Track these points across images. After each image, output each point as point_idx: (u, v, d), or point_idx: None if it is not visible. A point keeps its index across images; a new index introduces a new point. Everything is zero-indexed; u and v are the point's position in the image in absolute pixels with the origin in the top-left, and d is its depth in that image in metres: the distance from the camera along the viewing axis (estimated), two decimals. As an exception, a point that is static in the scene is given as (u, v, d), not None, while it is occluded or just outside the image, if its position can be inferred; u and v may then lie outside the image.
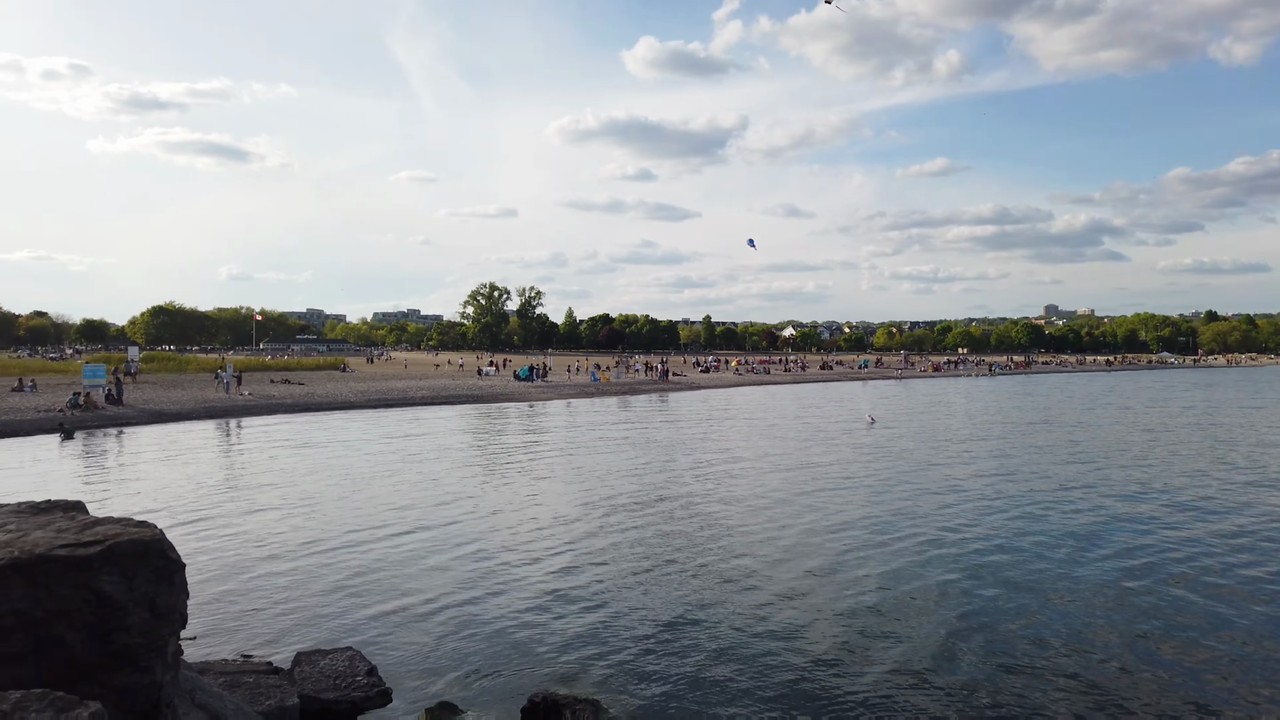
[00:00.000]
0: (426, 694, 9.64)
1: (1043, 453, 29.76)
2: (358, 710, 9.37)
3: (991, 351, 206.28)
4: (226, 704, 8.28)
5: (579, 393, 62.02)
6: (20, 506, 4.66)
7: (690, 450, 30.08)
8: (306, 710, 9.18)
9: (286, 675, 9.85)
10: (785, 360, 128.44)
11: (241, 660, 10.48)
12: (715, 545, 16.07)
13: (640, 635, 11.31)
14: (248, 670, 9.86)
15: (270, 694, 9.21)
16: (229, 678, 9.56)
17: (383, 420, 41.36)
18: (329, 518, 18.44)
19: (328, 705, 9.34)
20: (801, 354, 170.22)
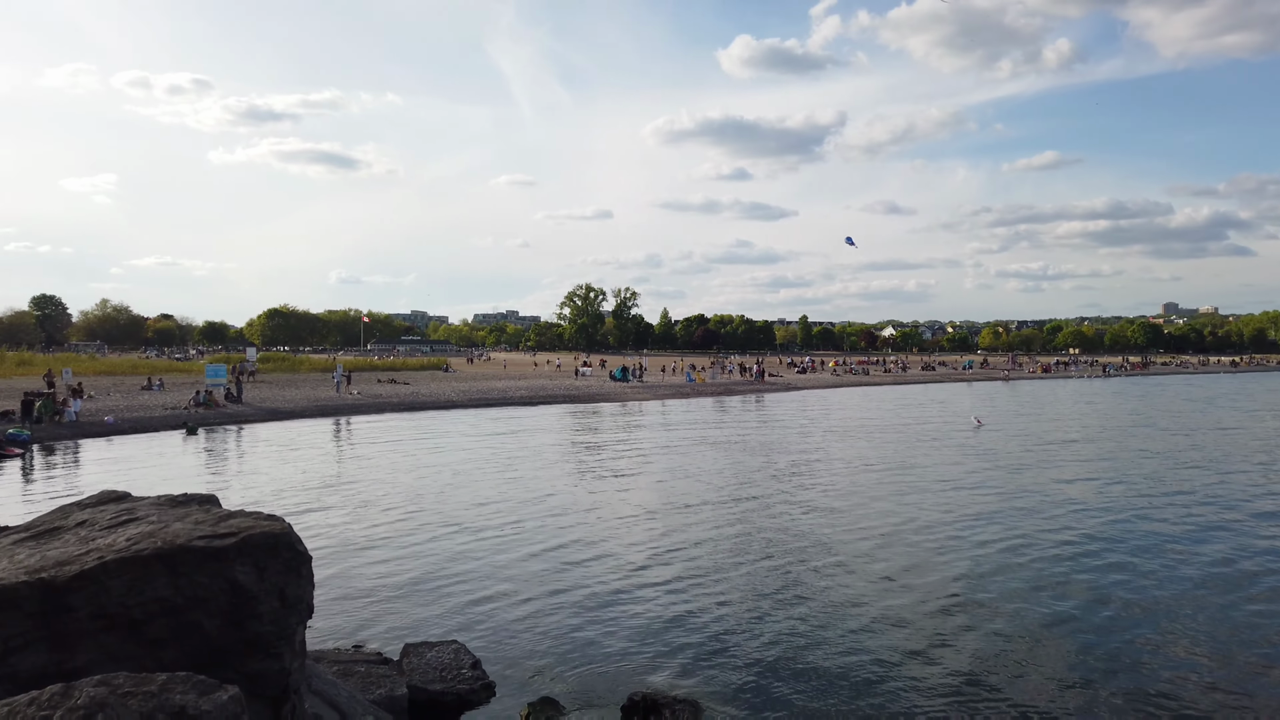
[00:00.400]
0: (528, 688, 9.82)
1: (1156, 458, 28.28)
2: (463, 703, 9.63)
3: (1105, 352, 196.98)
4: (340, 692, 8.63)
5: (674, 393, 62.13)
6: (160, 499, 4.98)
7: (786, 451, 29.77)
8: (415, 700, 9.49)
9: (395, 666, 10.21)
10: (885, 361, 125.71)
11: (353, 650, 10.89)
12: (812, 547, 15.88)
13: (739, 637, 11.27)
14: (359, 660, 10.25)
15: (380, 683, 9.56)
16: (342, 666, 9.96)
17: (483, 419, 42.33)
18: (432, 513, 18.98)
19: (434, 696, 9.64)
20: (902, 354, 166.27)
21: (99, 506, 4.85)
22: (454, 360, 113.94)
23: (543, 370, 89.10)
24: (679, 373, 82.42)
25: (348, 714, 8.35)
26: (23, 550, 4.16)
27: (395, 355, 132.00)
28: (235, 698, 3.17)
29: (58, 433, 33.09)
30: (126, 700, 2.85)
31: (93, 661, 3.62)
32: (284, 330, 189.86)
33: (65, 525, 4.51)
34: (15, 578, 3.75)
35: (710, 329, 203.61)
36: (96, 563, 3.83)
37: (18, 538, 4.40)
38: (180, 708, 2.97)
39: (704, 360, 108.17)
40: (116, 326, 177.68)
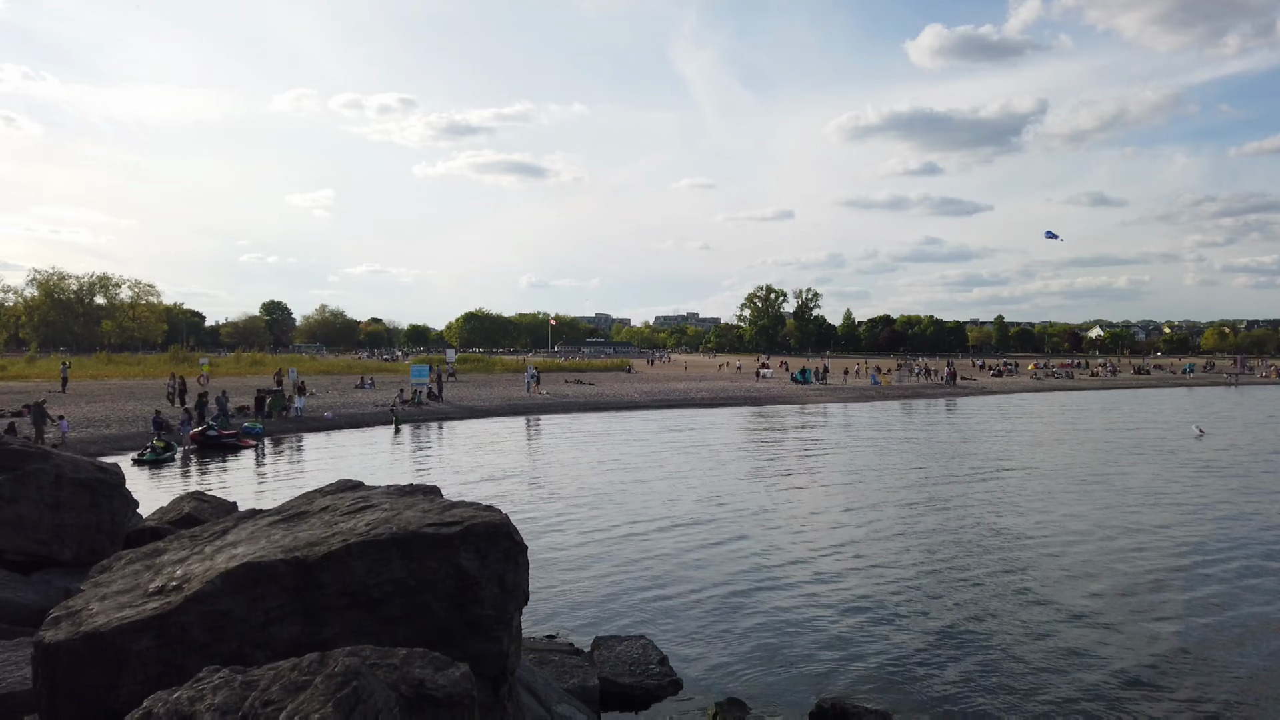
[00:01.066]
0: (715, 688, 9.91)
1: None
2: (651, 697, 9.85)
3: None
4: (537, 678, 9.05)
5: (858, 396, 60.54)
6: (390, 489, 5.44)
7: (978, 458, 28.33)
8: (606, 692, 9.81)
9: (587, 657, 10.58)
10: (1089, 363, 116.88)
11: (546, 640, 11.38)
12: (1008, 561, 15.06)
13: (932, 650, 10.88)
14: (553, 650, 10.71)
15: (574, 673, 9.94)
16: (538, 655, 10.44)
17: (665, 419, 42.95)
18: (617, 509, 19.48)
19: (624, 689, 9.92)
20: (1111, 356, 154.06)
21: (338, 494, 5.36)
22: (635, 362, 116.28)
23: (723, 372, 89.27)
24: (863, 375, 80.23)
25: (544, 700, 8.75)
26: (277, 531, 4.68)
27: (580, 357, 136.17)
28: (466, 675, 3.42)
29: (285, 426, 36.56)
30: (375, 670, 3.16)
31: (338, 635, 4.02)
32: (479, 332, 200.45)
33: (311, 510, 5.03)
34: (274, 556, 4.24)
35: (896, 330, 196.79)
36: (341, 545, 4.25)
37: (271, 520, 4.96)
38: (420, 681, 3.25)
39: (889, 362, 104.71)
40: (333, 329, 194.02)
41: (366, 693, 2.92)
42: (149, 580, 4.43)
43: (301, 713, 2.76)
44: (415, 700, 3.23)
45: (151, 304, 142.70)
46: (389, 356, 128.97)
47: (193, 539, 5.04)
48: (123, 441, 30.19)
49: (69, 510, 10.27)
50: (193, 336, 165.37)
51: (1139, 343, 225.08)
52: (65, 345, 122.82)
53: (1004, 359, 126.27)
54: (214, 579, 4.11)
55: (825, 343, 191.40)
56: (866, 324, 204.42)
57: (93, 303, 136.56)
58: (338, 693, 2.85)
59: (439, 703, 3.28)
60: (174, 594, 4.17)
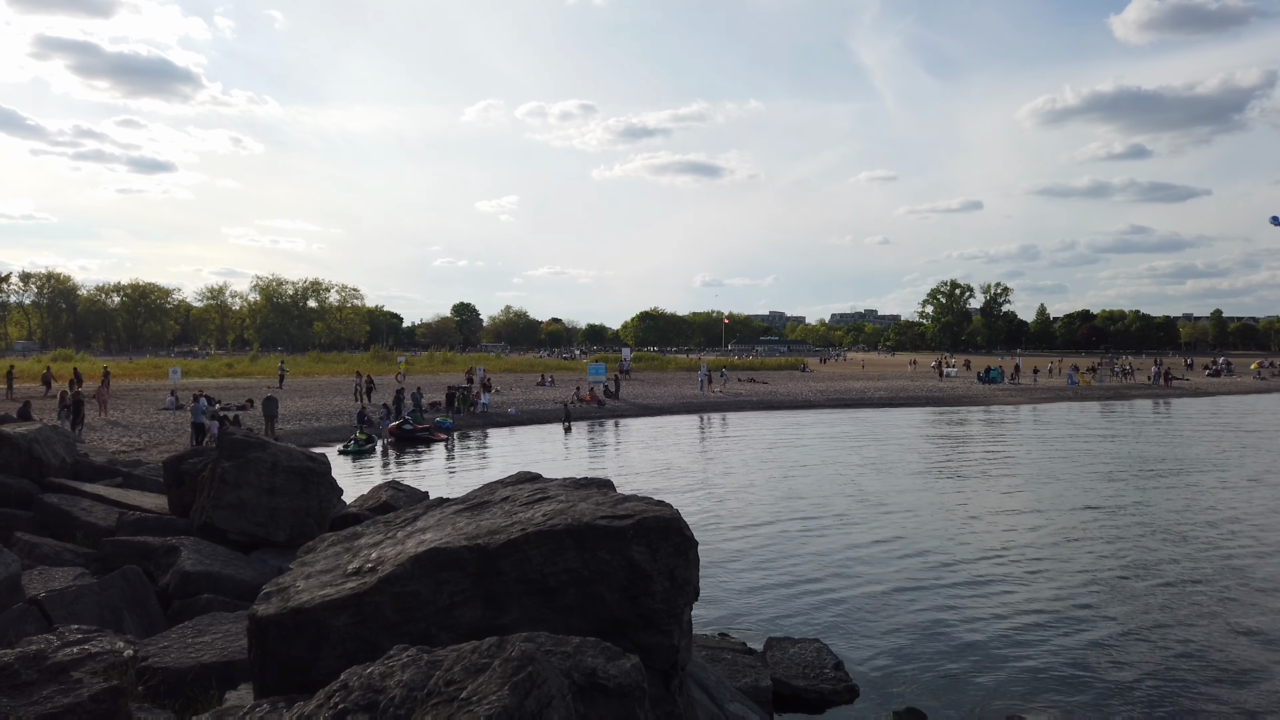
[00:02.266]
0: (892, 697, 9.59)
1: None
2: (825, 702, 9.65)
3: None
4: (709, 675, 9.07)
5: (1052, 397, 56.79)
6: (565, 481, 5.63)
7: (1190, 467, 25.88)
8: (778, 693, 9.70)
9: (759, 657, 10.51)
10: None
11: (719, 638, 11.38)
12: (1218, 584, 13.64)
13: (1118, 664, 10.08)
14: (725, 648, 10.70)
15: (746, 673, 9.90)
16: (710, 652, 10.46)
17: (841, 419, 41.97)
18: (791, 509, 19.21)
19: (798, 692, 9.77)
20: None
21: (518, 485, 5.60)
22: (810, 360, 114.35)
23: (903, 370, 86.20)
24: (1058, 374, 75.20)
25: (716, 697, 8.75)
26: (462, 519, 4.94)
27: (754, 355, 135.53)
28: (636, 666, 3.48)
29: (472, 421, 38.56)
30: (549, 657, 3.27)
31: (516, 621, 4.20)
32: (653, 331, 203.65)
33: (492, 500, 5.27)
34: (458, 542, 4.48)
35: (1096, 326, 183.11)
36: (520, 534, 4.43)
37: (457, 509, 5.24)
38: (592, 669, 3.34)
39: (1089, 361, 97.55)
40: (516, 329, 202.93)
41: (541, 678, 3.02)
42: (348, 562, 4.79)
43: (480, 693, 2.90)
44: (587, 688, 3.32)
45: (356, 307, 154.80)
46: (568, 355, 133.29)
47: (386, 524, 5.41)
48: (330, 434, 32.81)
49: (283, 495, 11.25)
50: (391, 337, 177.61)
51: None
52: (282, 345, 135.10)
53: (1223, 356, 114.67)
54: (404, 562, 4.40)
55: (1016, 340, 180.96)
56: (1063, 320, 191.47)
57: (305, 306, 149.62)
58: (514, 676, 2.97)
59: (610, 692, 3.35)
60: (369, 575, 4.49)
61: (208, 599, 9.15)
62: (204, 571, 9.76)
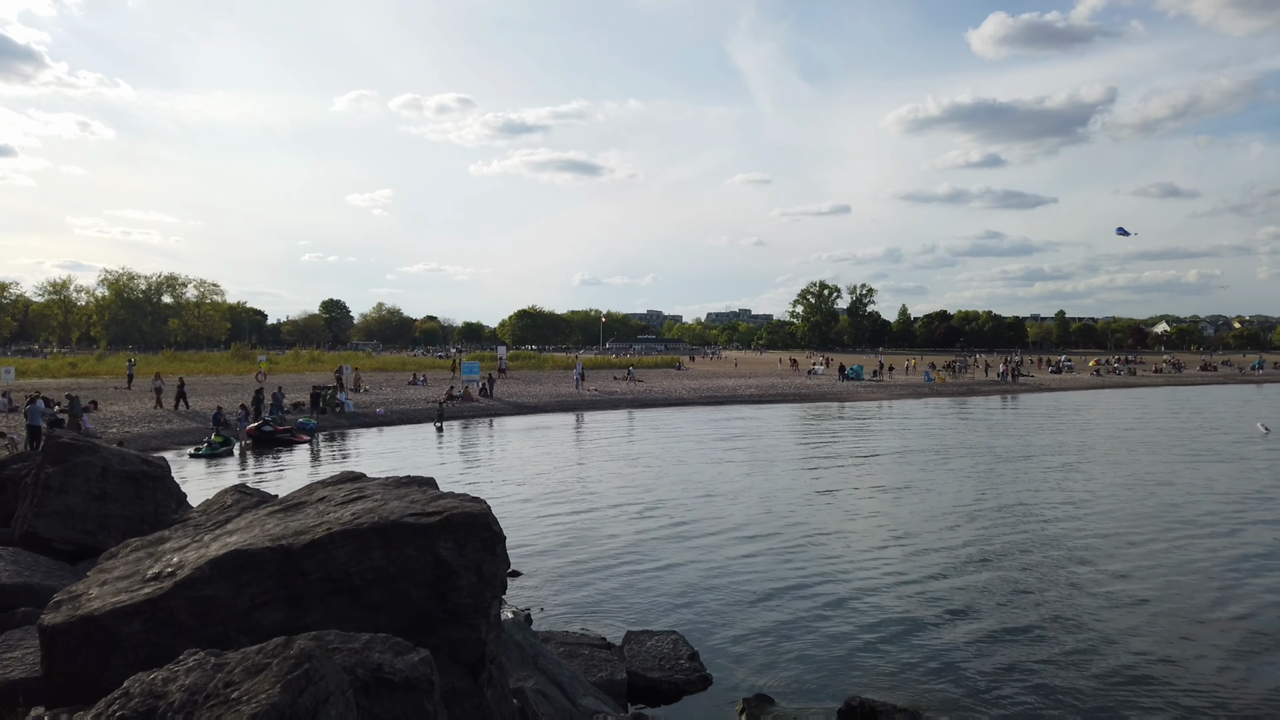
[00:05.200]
0: (744, 683, 9.83)
1: None
2: (680, 691, 9.83)
3: None
4: (564, 671, 9.10)
5: (910, 393, 59.62)
6: (387, 480, 5.53)
7: (1030, 457, 27.69)
8: (634, 685, 9.82)
9: (617, 651, 10.60)
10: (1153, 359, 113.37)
11: (580, 633, 11.43)
12: (1052, 564, 14.67)
13: (967, 651, 10.65)
14: (584, 643, 10.75)
15: (602, 667, 9.97)
16: (568, 648, 10.48)
17: (712, 416, 42.81)
18: (657, 506, 19.45)
19: (653, 683, 9.91)
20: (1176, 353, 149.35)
21: (338, 485, 5.47)
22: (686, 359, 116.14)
23: (774, 368, 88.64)
24: (917, 371, 78.99)
25: (570, 692, 8.79)
26: (272, 520, 4.78)
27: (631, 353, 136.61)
28: (425, 660, 3.46)
29: (338, 422, 37.30)
30: (333, 654, 3.20)
31: (320, 621, 4.09)
32: (531, 330, 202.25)
33: (309, 500, 5.12)
34: (261, 544, 4.32)
35: (953, 326, 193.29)
36: (325, 533, 4.32)
37: (270, 510, 5.07)
38: (378, 665, 3.28)
39: (945, 358, 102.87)
40: (389, 327, 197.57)
41: (318, 675, 2.96)
42: (148, 567, 4.56)
43: (252, 692, 2.81)
44: (372, 683, 3.27)
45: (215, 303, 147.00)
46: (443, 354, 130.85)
47: (196, 527, 5.18)
48: (181, 436, 31.10)
49: (115, 502, 10.59)
50: (255, 334, 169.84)
51: (1207, 338, 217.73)
52: (133, 343, 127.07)
53: (1065, 355, 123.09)
54: (203, 565, 4.21)
55: (880, 339, 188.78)
56: (923, 320, 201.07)
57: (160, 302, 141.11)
58: (289, 674, 2.89)
59: (396, 686, 3.31)
60: (167, 580, 4.28)
61: (24, 613, 8.52)
62: (22, 584, 9.08)
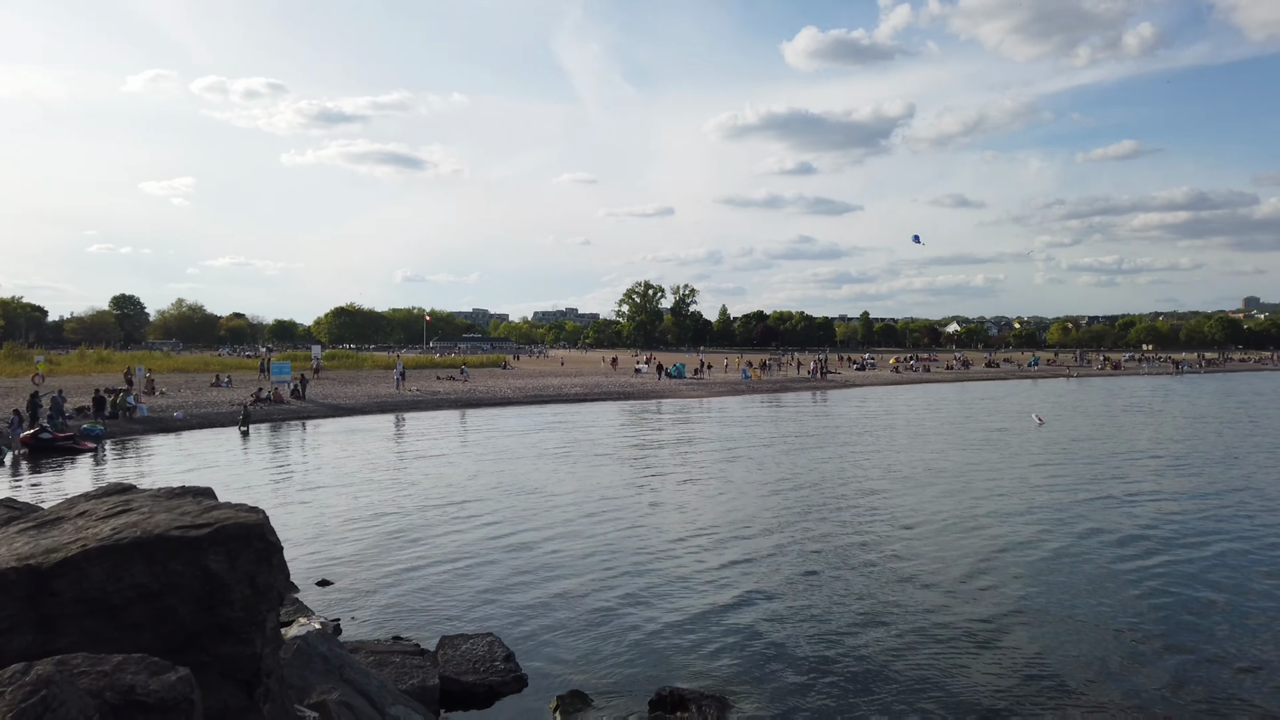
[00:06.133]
0: (560, 681, 9.88)
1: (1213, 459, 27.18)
2: (494, 693, 9.75)
3: (1180, 348, 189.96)
4: (371, 681, 8.82)
5: (729, 390, 61.89)
6: (159, 492, 5.17)
7: (836, 449, 29.42)
8: (446, 691, 9.65)
9: (430, 657, 10.39)
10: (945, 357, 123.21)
11: (392, 641, 11.10)
12: (854, 548, 15.65)
13: (773, 635, 11.17)
14: (396, 651, 10.46)
15: (414, 674, 9.74)
16: (379, 657, 10.18)
17: (537, 415, 42.73)
18: (476, 507, 19.21)
19: (467, 687, 9.78)
20: (965, 351, 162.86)
21: (102, 498, 5.05)
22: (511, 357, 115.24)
23: (599, 367, 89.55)
24: (735, 370, 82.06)
25: (378, 703, 8.53)
26: (22, 539, 4.35)
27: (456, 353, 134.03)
28: (184, 679, 3.27)
29: (130, 428, 34.38)
30: (77, 679, 2.97)
31: (75, 643, 3.77)
32: (350, 328, 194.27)
33: (68, 515, 4.71)
34: (6, 564, 3.94)
35: (769, 326, 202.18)
36: (79, 550, 3.99)
37: (22, 526, 4.61)
38: (129, 687, 3.08)
39: (761, 357, 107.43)
40: (191, 325, 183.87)
41: (57, 701, 2.74)
42: None
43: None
44: (123, 706, 3.06)
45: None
46: (251, 353, 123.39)
47: (-66, 548, 4.63)
48: (-62, 446, 27.71)
49: None
50: (33, 333, 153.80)
51: (992, 337, 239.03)
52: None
53: (869, 353, 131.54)
54: (-66, 591, 3.78)
55: (702, 338, 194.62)
56: (741, 320, 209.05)
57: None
58: (24, 702, 2.66)
59: (150, 708, 3.12)
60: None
61: None
62: None
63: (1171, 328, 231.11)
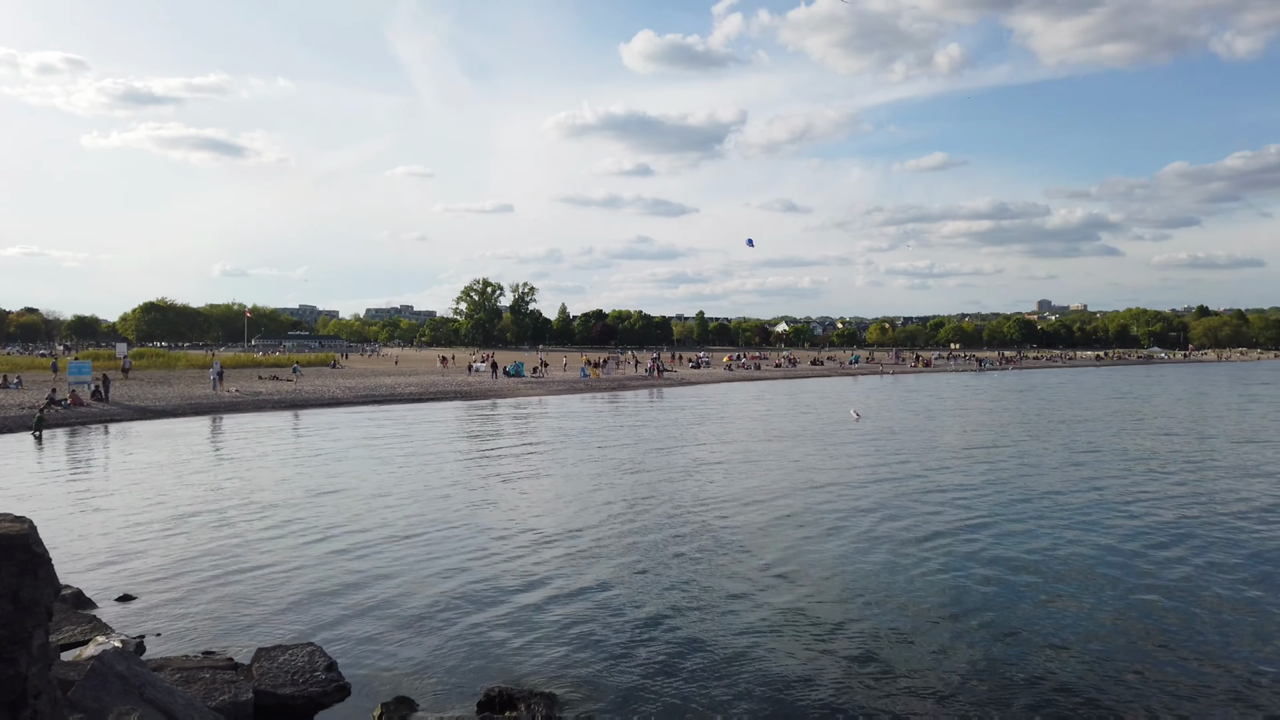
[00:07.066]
0: (385, 689, 9.62)
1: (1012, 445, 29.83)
2: (315, 705, 9.36)
3: (984, 347, 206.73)
4: (177, 699, 8.28)
5: (568, 389, 62.03)
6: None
7: (672, 446, 30.09)
8: (262, 705, 9.18)
9: (245, 671, 9.85)
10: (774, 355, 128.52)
11: (202, 656, 10.46)
12: (683, 541, 16.06)
13: (602, 631, 11.31)
14: (206, 666, 9.85)
15: (225, 689, 9.21)
16: (186, 673, 9.56)
17: (368, 416, 41.31)
18: (295, 513, 18.39)
19: (284, 700, 9.34)
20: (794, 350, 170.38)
21: None
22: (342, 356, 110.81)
23: (435, 366, 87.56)
24: (573, 368, 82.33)
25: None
26: None
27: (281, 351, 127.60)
28: None
29: (-106, 435, 30.65)
30: None
31: None
32: (161, 325, 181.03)
33: None
34: None
35: (608, 325, 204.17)
36: None
37: None
38: None
39: (600, 355, 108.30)
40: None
41: None
42: None
43: None
44: None
45: None
46: (46, 352, 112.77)
47: None
48: None
49: None
50: None
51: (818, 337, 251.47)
52: None
53: (704, 352, 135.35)
54: None
55: (541, 337, 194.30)
56: (581, 318, 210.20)
57: None
58: None
59: None
60: None
61: None
62: None
63: (976, 328, 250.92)
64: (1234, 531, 16.70)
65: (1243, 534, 16.50)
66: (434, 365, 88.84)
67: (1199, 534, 16.47)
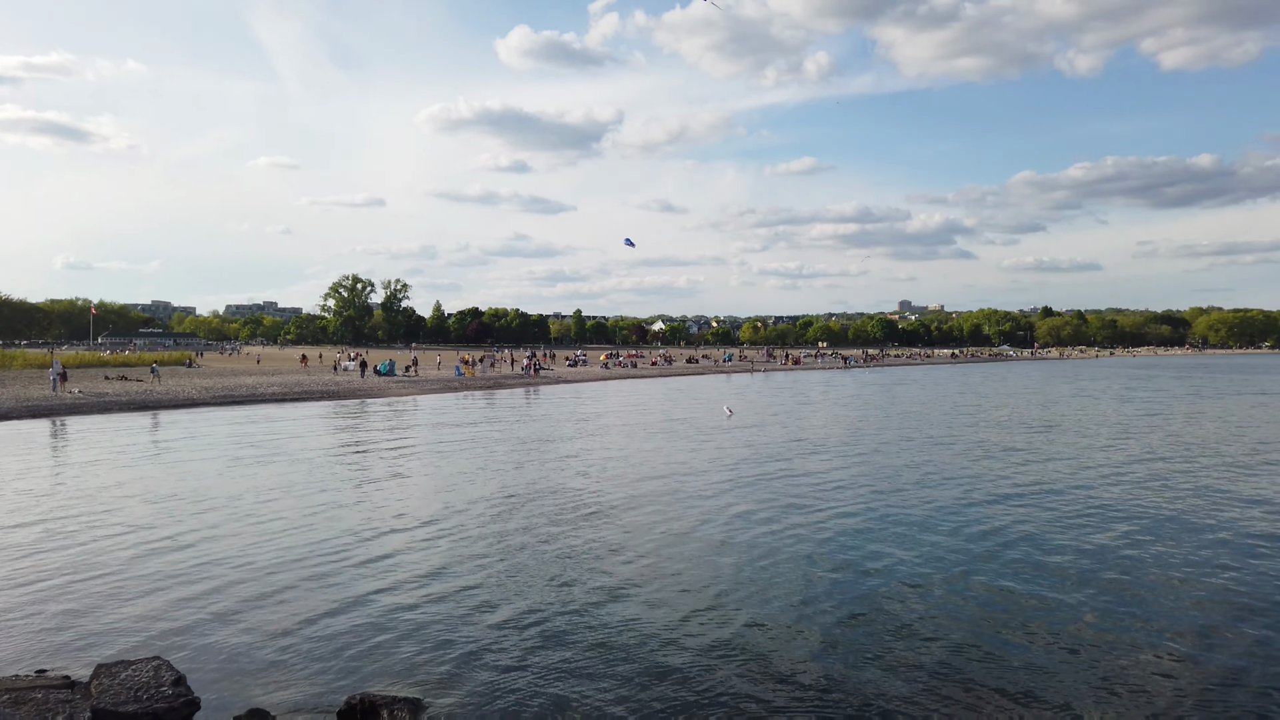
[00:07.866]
0: (238, 702, 9.23)
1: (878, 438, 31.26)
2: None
3: (849, 345, 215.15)
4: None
5: (442, 387, 60.86)
6: None
7: (545, 444, 30.01)
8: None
9: (82, 689, 9.27)
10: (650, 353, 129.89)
11: (34, 675, 9.78)
12: (554, 542, 16.04)
13: (472, 635, 11.16)
14: (38, 686, 9.22)
15: (60, 709, 8.65)
16: (15, 694, 8.93)
17: (227, 418, 39.38)
18: (142, 521, 17.38)
19: (126, 718, 8.84)
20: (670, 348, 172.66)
21: None
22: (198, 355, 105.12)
23: (301, 365, 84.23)
24: (448, 367, 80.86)
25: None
26: None
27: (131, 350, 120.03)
28: None
29: None
30: None
31: None
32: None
33: None
34: None
35: (485, 322, 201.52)
36: None
37: None
38: None
39: (476, 354, 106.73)
40: None
41: None
42: None
43: None
44: None
45: None
46: None
47: None
48: None
49: None
50: None
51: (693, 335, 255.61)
52: None
53: (581, 350, 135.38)
54: None
55: (414, 334, 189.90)
56: (456, 316, 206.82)
57: None
58: None
59: None
60: None
61: None
62: None
63: (842, 327, 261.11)
64: (1069, 508, 18.03)
65: (1081, 520, 17.83)
66: (298, 364, 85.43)
67: (1040, 510, 17.69)
